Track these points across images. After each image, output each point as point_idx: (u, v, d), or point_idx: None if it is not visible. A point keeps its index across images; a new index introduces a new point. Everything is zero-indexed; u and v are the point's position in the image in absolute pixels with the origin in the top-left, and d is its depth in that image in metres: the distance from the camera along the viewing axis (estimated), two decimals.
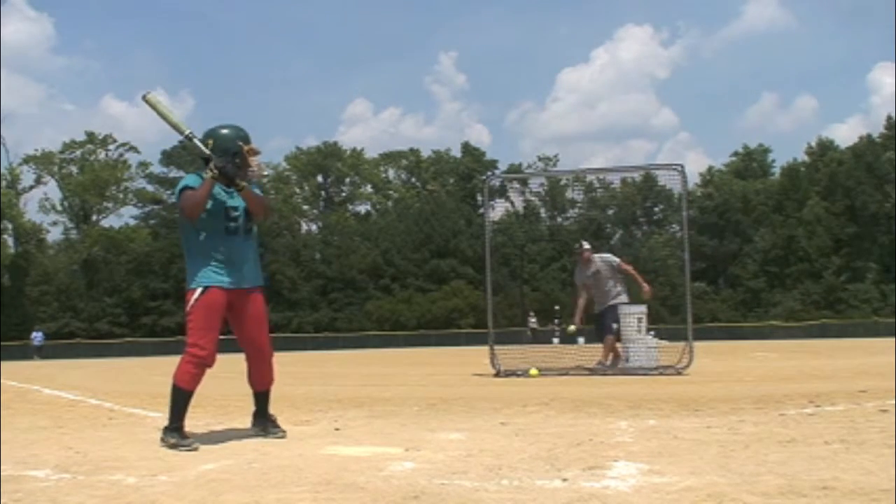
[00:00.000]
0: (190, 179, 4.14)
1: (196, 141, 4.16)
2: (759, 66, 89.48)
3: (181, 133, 4.22)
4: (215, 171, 4.01)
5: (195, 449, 3.82)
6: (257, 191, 4.26)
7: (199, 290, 4.03)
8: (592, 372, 9.57)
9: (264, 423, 4.33)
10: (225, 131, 4.17)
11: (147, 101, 4.32)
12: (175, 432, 3.95)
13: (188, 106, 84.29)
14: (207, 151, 4.10)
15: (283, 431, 4.27)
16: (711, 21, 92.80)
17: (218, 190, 4.08)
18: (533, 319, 38.03)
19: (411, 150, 65.19)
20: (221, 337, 4.12)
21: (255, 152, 4.18)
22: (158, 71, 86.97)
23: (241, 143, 4.13)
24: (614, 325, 9.88)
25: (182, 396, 4.03)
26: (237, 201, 4.12)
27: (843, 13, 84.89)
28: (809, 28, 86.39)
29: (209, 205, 4.04)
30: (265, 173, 4.24)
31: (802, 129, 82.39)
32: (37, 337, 40.18)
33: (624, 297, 10.15)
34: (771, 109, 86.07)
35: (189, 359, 4.01)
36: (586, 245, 10.61)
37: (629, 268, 10.40)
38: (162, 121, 4.30)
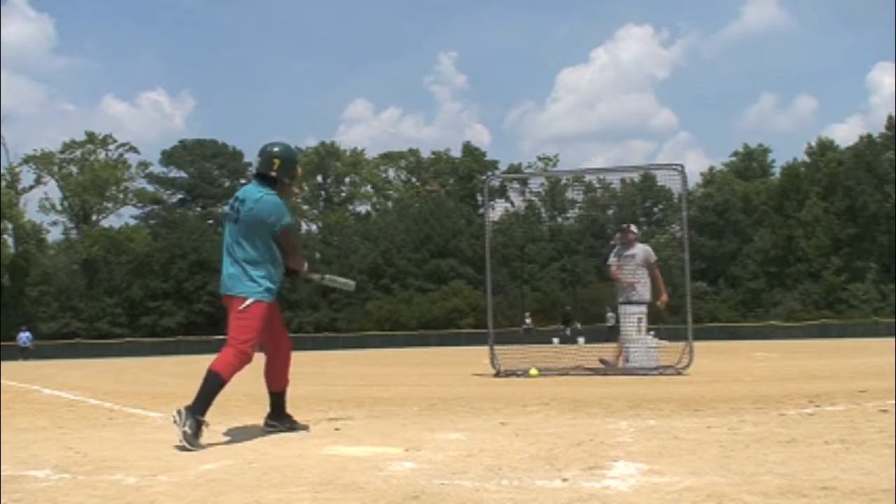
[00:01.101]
0: (286, 212, 4.40)
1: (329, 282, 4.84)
2: (758, 67, 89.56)
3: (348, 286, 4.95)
4: (317, 278, 4.73)
5: (200, 448, 3.82)
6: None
7: (251, 299, 4.19)
8: (595, 371, 9.56)
9: (284, 420, 4.51)
10: (292, 155, 4.55)
11: (325, 282, 4.83)
12: (195, 421, 3.91)
13: (188, 106, 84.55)
14: (338, 281, 4.85)
15: (306, 425, 4.53)
16: (711, 21, 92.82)
17: (284, 209, 4.38)
18: (528, 319, 38.05)
19: (411, 150, 65.24)
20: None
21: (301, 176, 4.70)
22: (159, 71, 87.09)
23: (298, 167, 4.56)
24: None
25: (218, 384, 4.09)
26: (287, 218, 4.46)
27: (842, 13, 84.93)
28: (808, 28, 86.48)
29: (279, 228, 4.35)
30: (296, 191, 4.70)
31: (802, 130, 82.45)
32: (22, 338, 38.11)
33: (645, 296, 9.96)
34: (770, 110, 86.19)
35: (238, 353, 4.13)
36: (634, 228, 10.55)
37: (658, 272, 10.22)
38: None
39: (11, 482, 3.08)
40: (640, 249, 10.17)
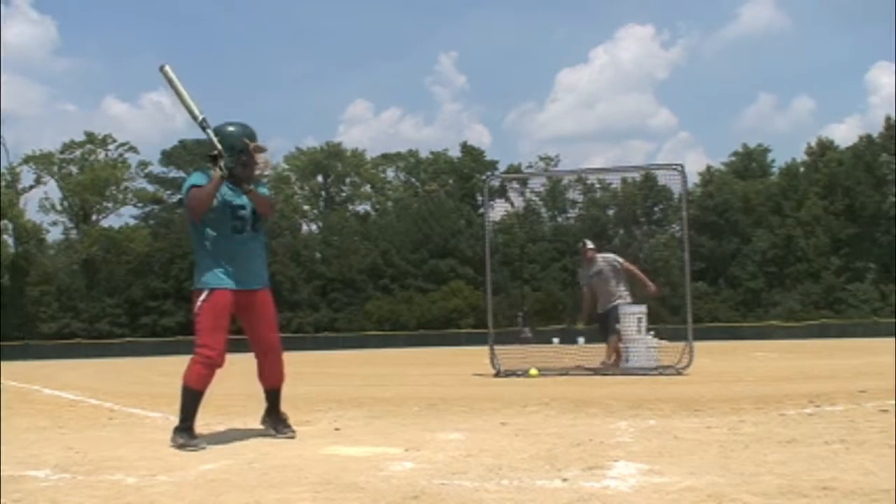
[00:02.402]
0: (196, 177, 4.11)
1: (209, 132, 4.12)
2: (756, 67, 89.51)
3: (194, 117, 4.18)
4: (225, 170, 3.99)
5: (203, 449, 3.83)
6: (264, 190, 4.27)
7: (206, 292, 4.05)
8: (595, 371, 9.57)
9: (275, 421, 4.34)
10: (231, 129, 4.14)
11: (163, 73, 4.27)
12: (184, 432, 3.94)
13: None
14: (218, 146, 4.05)
15: (293, 431, 4.27)
16: (709, 22, 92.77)
17: (225, 189, 4.05)
18: (519, 320, 37.99)
19: (410, 151, 65.20)
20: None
21: (261, 149, 4.15)
22: (159, 72, 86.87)
23: (247, 141, 4.10)
24: (617, 326, 9.87)
25: (192, 396, 4.02)
26: (244, 199, 4.10)
27: (841, 14, 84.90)
28: (806, 29, 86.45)
29: (216, 203, 4.02)
30: (267, 172, 4.24)
31: (800, 130, 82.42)
32: None
33: (627, 298, 10.11)
34: (768, 110, 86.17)
35: (198, 359, 4.02)
36: (589, 244, 10.60)
37: (633, 267, 10.38)
38: (176, 98, 4.25)
39: (11, 482, 3.08)
40: (602, 262, 10.30)
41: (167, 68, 4.24)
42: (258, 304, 4.18)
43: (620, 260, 10.44)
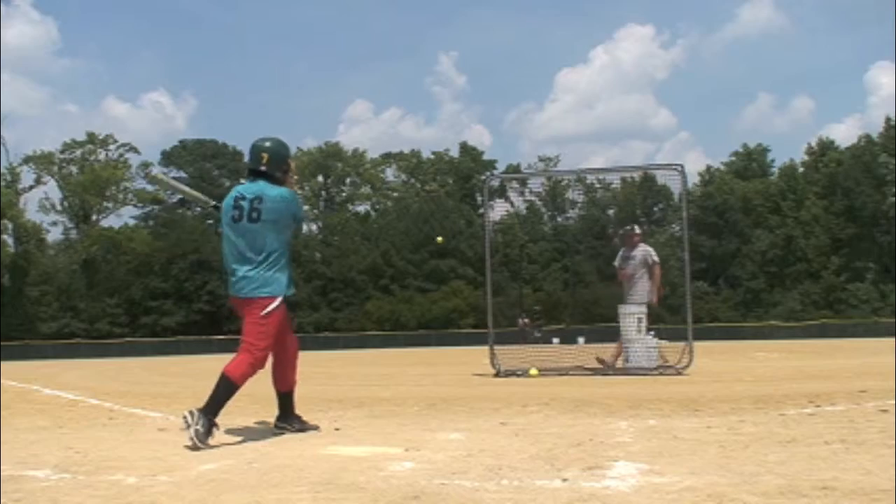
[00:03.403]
0: (301, 206, 4.52)
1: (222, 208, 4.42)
2: (755, 68, 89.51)
3: (205, 204, 4.72)
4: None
5: (208, 447, 3.82)
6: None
7: (279, 299, 4.18)
8: (595, 371, 9.55)
9: (292, 420, 4.47)
10: (282, 149, 4.47)
11: (157, 181, 4.56)
12: (207, 422, 3.89)
13: (191, 107, 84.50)
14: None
15: (316, 426, 4.49)
16: (708, 22, 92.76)
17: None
18: (525, 320, 38.01)
19: (412, 151, 65.22)
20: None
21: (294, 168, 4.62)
22: (161, 72, 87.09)
23: (290, 161, 4.50)
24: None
25: (232, 390, 4.09)
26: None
27: (840, 14, 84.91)
28: (805, 29, 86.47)
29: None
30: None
31: (799, 130, 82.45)
32: None
33: (645, 297, 9.99)
34: (768, 110, 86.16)
35: (252, 360, 4.11)
36: (637, 229, 10.59)
37: (658, 270, 10.25)
38: (179, 194, 4.70)
39: (11, 482, 3.08)
40: (641, 251, 10.20)
41: (159, 175, 4.74)
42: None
43: (656, 259, 10.31)
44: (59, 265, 53.33)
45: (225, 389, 4.06)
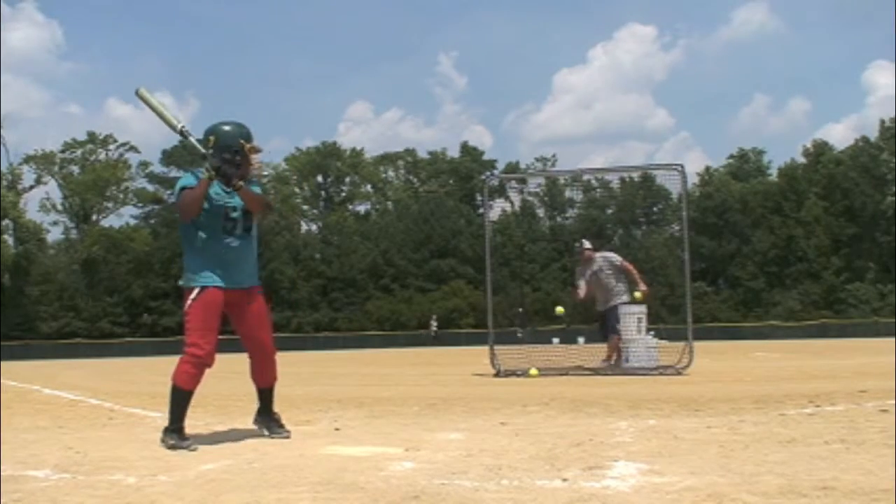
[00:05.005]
0: (187, 179, 4.11)
1: (191, 139, 4.14)
2: (751, 69, 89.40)
3: (173, 128, 4.21)
4: (212, 170, 3.99)
5: (194, 450, 3.82)
6: (257, 189, 4.26)
7: (196, 290, 4.01)
8: (595, 371, 9.57)
9: (268, 421, 4.32)
10: (227, 128, 4.13)
11: (139, 96, 4.33)
12: (174, 433, 3.94)
13: (193, 107, 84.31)
14: (202, 149, 4.07)
15: (288, 432, 4.25)
16: (705, 24, 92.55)
17: (217, 189, 4.04)
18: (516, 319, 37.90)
19: (407, 150, 65.21)
20: (221, 337, 4.10)
21: (257, 150, 4.15)
22: (162, 73, 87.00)
23: (242, 141, 4.10)
24: (618, 325, 9.88)
25: (181, 397, 4.01)
26: (236, 200, 4.08)
27: (836, 15, 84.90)
28: (802, 30, 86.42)
29: (207, 204, 4.02)
30: (264, 172, 4.28)
31: (796, 131, 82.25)
32: None
33: (626, 297, 10.14)
34: (764, 111, 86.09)
35: (188, 359, 3.98)
36: (587, 244, 10.61)
37: (630, 266, 10.39)
38: (154, 115, 4.30)
39: (11, 482, 3.08)
40: (602, 260, 10.32)
41: (142, 91, 4.32)
42: (249, 303, 4.16)
43: (619, 258, 10.46)
44: (59, 265, 53.32)
45: (174, 397, 4.02)
